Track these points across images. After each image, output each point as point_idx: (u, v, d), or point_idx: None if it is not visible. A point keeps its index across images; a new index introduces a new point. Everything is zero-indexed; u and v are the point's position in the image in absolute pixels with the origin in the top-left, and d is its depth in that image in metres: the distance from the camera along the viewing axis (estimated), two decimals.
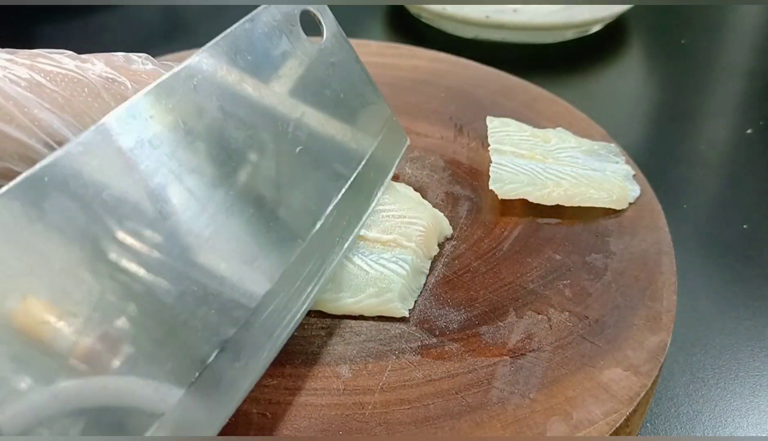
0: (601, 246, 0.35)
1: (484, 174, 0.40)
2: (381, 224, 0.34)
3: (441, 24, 0.70)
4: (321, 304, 0.31)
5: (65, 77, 0.28)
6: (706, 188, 0.52)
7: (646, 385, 0.28)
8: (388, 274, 0.32)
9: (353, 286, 0.32)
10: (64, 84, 0.28)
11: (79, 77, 0.28)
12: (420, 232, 0.34)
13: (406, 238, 0.33)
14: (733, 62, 0.71)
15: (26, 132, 0.26)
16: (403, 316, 0.31)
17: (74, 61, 0.29)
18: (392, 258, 0.33)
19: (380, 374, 0.29)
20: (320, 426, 0.27)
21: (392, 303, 0.31)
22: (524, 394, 0.28)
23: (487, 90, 0.48)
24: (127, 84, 0.29)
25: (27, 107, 0.26)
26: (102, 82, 0.28)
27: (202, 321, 0.24)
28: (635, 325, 0.31)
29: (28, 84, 0.27)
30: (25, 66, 0.27)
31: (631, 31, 0.74)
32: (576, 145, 0.41)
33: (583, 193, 0.37)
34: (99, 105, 0.28)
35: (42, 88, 0.27)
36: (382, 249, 0.33)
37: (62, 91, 0.27)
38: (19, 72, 0.27)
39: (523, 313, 0.32)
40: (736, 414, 0.35)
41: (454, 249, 0.35)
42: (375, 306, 0.31)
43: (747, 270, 0.44)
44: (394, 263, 0.32)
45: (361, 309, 0.31)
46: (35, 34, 0.69)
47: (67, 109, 0.27)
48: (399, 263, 0.32)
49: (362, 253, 0.33)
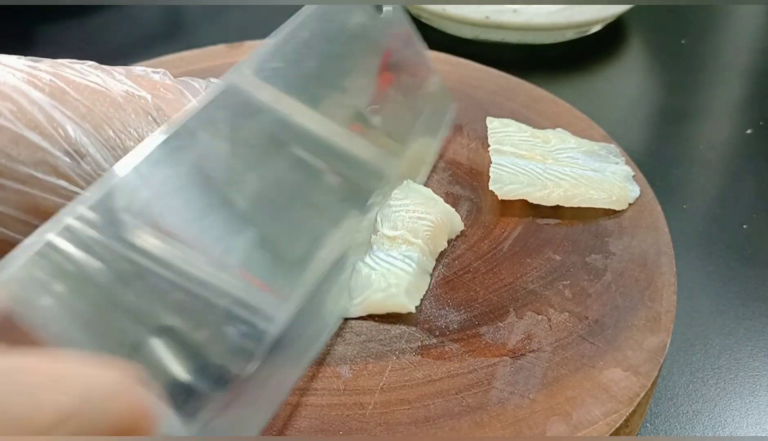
0: (600, 246, 0.35)
1: (484, 174, 0.40)
2: (390, 219, 0.34)
3: (441, 24, 0.70)
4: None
5: (87, 87, 0.28)
6: (706, 188, 0.52)
7: (645, 385, 0.29)
8: (395, 270, 0.32)
9: (359, 284, 0.32)
10: (87, 93, 0.28)
11: (101, 88, 0.28)
12: (427, 228, 0.34)
13: (413, 235, 0.33)
14: (733, 62, 0.71)
15: (49, 139, 0.26)
16: (410, 312, 0.31)
17: (96, 71, 0.29)
18: (399, 255, 0.33)
19: (380, 374, 0.29)
20: (320, 426, 0.27)
21: (398, 298, 0.31)
22: (524, 394, 0.28)
23: (487, 90, 0.48)
24: (147, 98, 0.29)
25: (50, 114, 0.26)
26: (123, 94, 0.29)
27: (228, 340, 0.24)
28: (635, 325, 0.31)
29: (51, 90, 0.27)
30: (49, 73, 0.27)
31: (631, 31, 0.74)
32: (576, 145, 0.41)
33: (583, 194, 0.37)
34: (120, 116, 0.28)
35: (65, 95, 0.27)
36: (389, 245, 0.33)
37: (85, 100, 0.27)
38: (44, 78, 0.27)
39: (523, 314, 0.32)
40: (736, 414, 0.35)
41: (454, 249, 0.35)
42: (381, 302, 0.31)
43: (747, 270, 0.44)
44: (400, 260, 0.32)
45: (368, 307, 0.31)
46: (35, 34, 0.69)
47: (88, 119, 0.27)
48: (405, 261, 0.32)
49: (370, 251, 0.33)
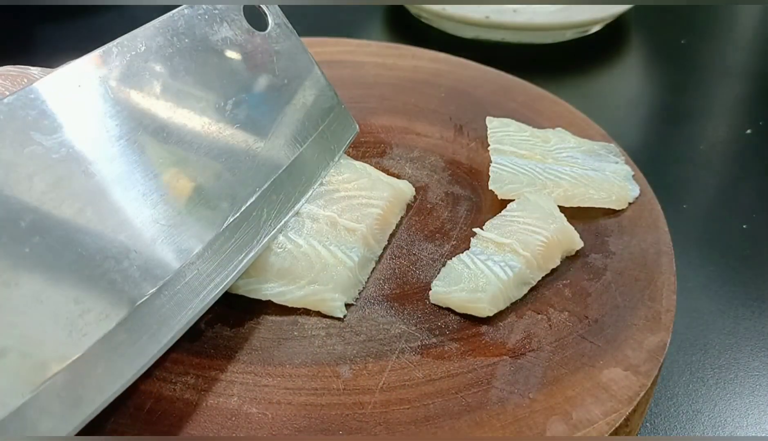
0: (600, 246, 0.35)
1: (483, 174, 0.40)
2: (502, 228, 0.34)
3: (441, 24, 0.70)
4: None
5: (16, 78, 0.31)
6: (706, 188, 0.52)
7: (645, 384, 0.29)
8: (489, 274, 0.32)
9: (451, 277, 0.32)
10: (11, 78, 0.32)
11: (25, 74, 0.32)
12: (541, 243, 0.33)
13: (523, 246, 0.33)
14: (733, 63, 0.71)
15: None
16: (487, 316, 0.31)
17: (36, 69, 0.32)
18: (500, 261, 0.32)
19: (380, 374, 0.29)
20: (320, 426, 0.27)
21: (480, 303, 0.31)
22: (524, 393, 0.28)
23: (487, 90, 0.48)
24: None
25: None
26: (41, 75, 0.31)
27: (123, 275, 0.26)
28: (635, 324, 0.31)
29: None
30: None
31: (631, 31, 0.74)
32: (576, 145, 0.41)
33: (583, 194, 0.37)
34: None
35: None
36: (494, 250, 0.33)
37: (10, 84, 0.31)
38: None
39: (523, 313, 0.32)
40: (736, 414, 0.35)
41: (454, 249, 0.35)
42: (463, 300, 0.31)
43: (747, 270, 0.44)
44: (499, 266, 0.32)
45: (448, 301, 0.32)
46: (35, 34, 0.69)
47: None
48: (505, 268, 0.32)
49: (471, 250, 0.33)
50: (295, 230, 0.33)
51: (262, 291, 0.31)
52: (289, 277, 0.32)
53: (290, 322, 0.31)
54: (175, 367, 0.29)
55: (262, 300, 0.31)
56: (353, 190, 0.36)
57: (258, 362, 0.29)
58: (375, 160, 0.41)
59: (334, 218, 0.34)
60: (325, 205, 0.35)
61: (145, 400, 0.27)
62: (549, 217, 0.35)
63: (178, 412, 0.27)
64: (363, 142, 0.43)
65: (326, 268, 0.32)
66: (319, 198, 0.35)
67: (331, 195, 0.35)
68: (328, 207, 0.35)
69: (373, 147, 0.43)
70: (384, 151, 0.42)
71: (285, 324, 0.31)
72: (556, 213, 0.35)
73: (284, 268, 0.32)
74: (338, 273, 0.32)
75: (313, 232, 0.33)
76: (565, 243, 0.34)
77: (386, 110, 0.46)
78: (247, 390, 0.28)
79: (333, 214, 0.34)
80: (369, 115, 0.44)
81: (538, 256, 0.33)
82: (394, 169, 0.41)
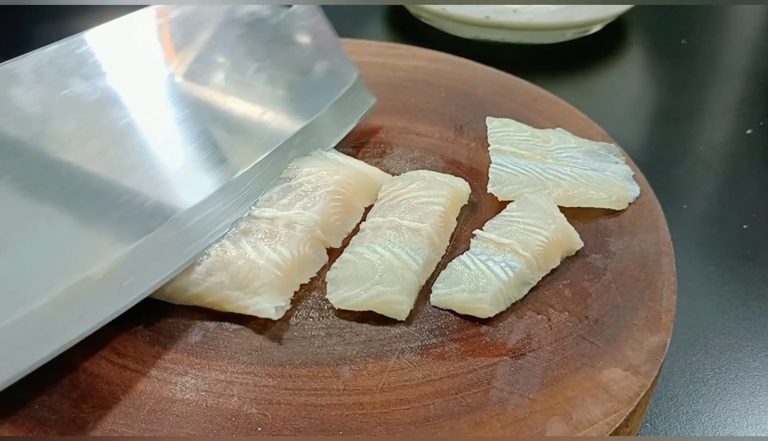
0: (600, 246, 0.35)
1: (483, 174, 0.40)
2: (502, 228, 0.34)
3: (441, 24, 0.70)
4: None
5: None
6: (706, 188, 0.52)
7: (645, 385, 0.29)
8: (489, 275, 0.32)
9: (452, 279, 0.32)
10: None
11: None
12: (541, 244, 0.33)
13: (523, 247, 0.33)
14: (733, 62, 0.71)
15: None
16: (488, 318, 0.31)
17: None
18: (501, 261, 0.32)
19: (380, 374, 0.29)
20: (320, 426, 0.27)
21: (481, 304, 0.31)
22: (524, 394, 0.28)
23: (487, 90, 0.48)
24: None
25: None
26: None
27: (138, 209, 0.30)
28: (635, 325, 0.31)
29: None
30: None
31: (631, 31, 0.74)
32: (576, 145, 0.41)
33: (583, 194, 0.37)
34: None
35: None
36: (494, 250, 0.33)
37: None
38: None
39: (523, 314, 0.32)
40: (736, 414, 0.35)
41: (453, 249, 0.35)
42: (465, 301, 0.31)
43: (747, 270, 0.44)
44: (500, 267, 0.32)
45: (449, 303, 0.31)
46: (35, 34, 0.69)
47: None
48: (505, 269, 0.32)
49: (471, 251, 0.33)
50: (359, 242, 0.33)
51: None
52: (353, 281, 0.31)
53: (290, 323, 0.31)
54: (175, 367, 0.29)
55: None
56: (410, 192, 0.36)
57: (258, 362, 0.29)
58: (375, 160, 0.41)
59: (396, 222, 0.34)
60: (385, 214, 0.34)
61: (145, 400, 0.27)
62: (549, 218, 0.34)
63: (178, 412, 0.27)
64: (363, 143, 0.43)
65: (391, 270, 0.31)
66: (378, 210, 0.35)
67: (389, 202, 0.35)
68: (389, 214, 0.34)
69: (373, 147, 0.43)
70: (384, 151, 0.42)
71: (285, 324, 0.31)
72: (556, 213, 0.35)
73: (347, 275, 0.32)
74: (404, 275, 0.31)
75: (378, 239, 0.33)
76: (565, 243, 0.34)
77: (386, 110, 0.46)
78: (247, 390, 0.28)
79: (395, 219, 0.34)
80: (369, 115, 0.44)
81: (539, 257, 0.33)
82: (394, 169, 0.41)
